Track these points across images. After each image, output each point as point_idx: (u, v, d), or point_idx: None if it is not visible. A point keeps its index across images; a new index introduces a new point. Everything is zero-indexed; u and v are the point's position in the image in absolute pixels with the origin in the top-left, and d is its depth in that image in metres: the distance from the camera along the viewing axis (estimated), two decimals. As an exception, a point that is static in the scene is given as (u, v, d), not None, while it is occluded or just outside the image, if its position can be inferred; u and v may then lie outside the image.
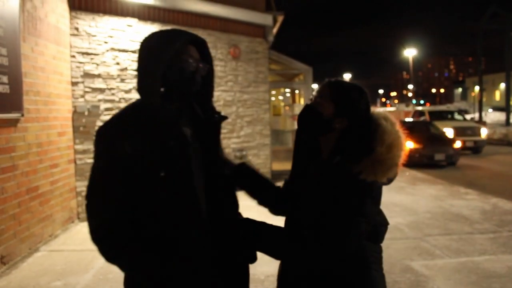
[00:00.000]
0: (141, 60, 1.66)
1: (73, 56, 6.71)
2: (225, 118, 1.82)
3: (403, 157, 1.65)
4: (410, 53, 44.13)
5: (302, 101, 12.61)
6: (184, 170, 1.58)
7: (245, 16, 9.34)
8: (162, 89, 1.60)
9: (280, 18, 10.49)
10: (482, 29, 34.16)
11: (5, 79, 4.53)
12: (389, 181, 1.66)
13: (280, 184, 2.01)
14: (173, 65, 1.63)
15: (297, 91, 13.70)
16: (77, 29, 6.72)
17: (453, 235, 5.93)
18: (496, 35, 41.16)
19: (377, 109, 1.80)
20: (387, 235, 1.81)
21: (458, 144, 13.72)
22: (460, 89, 76.63)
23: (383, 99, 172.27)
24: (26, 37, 5.15)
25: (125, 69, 7.21)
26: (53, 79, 5.96)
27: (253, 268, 1.80)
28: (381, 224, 1.74)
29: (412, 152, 12.46)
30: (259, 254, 1.78)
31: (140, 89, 1.66)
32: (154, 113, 1.58)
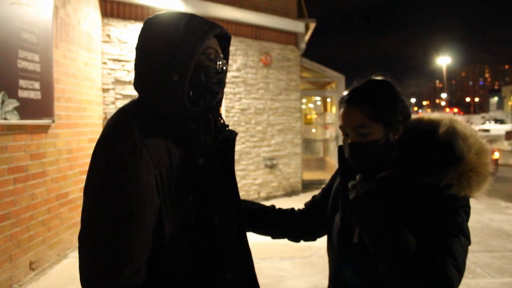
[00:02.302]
0: (158, 50, 1.28)
1: (105, 63, 6.72)
2: (236, 133, 1.47)
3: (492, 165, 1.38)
4: (443, 61, 43.12)
5: (333, 110, 12.40)
6: (213, 195, 1.30)
7: (277, 23, 9.24)
8: (191, 93, 1.31)
9: (312, 25, 10.34)
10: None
11: (37, 85, 4.53)
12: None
13: (307, 195, 1.81)
14: (201, 62, 1.31)
15: (328, 100, 13.51)
16: (108, 36, 6.74)
17: (495, 252, 5.61)
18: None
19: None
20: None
21: (496, 155, 13.19)
22: (496, 98, 74.57)
23: (415, 108, 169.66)
24: (58, 44, 5.17)
25: (156, 76, 7.14)
26: (84, 86, 5.96)
27: (284, 282, 1.65)
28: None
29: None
30: (287, 268, 1.62)
31: (157, 90, 1.28)
32: (180, 123, 1.28)
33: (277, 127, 9.44)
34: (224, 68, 1.39)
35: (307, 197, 9.55)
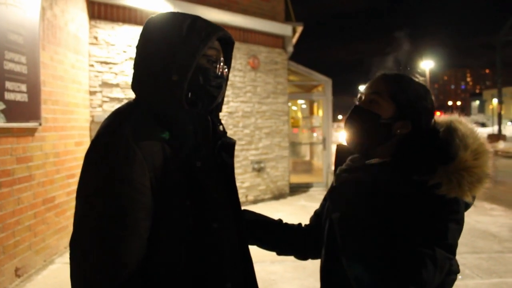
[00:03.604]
0: (159, 50, 1.25)
1: (92, 65, 6.63)
2: (235, 140, 1.44)
3: (492, 168, 1.29)
4: (427, 65, 43.75)
5: (320, 113, 12.43)
6: (212, 199, 1.25)
7: (265, 27, 9.23)
8: (189, 95, 1.27)
9: (299, 29, 10.38)
10: (502, 41, 33.69)
11: (23, 87, 4.44)
12: (473, 199, 1.30)
13: (296, 201, 1.77)
14: (201, 64, 1.28)
15: (315, 103, 13.55)
16: (96, 38, 6.66)
17: (482, 253, 5.66)
18: (515, 47, 40.56)
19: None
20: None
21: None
22: (477, 102, 75.80)
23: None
24: (45, 46, 5.08)
25: (144, 78, 7.07)
26: (71, 88, 5.88)
27: (275, 286, 1.62)
28: (450, 272, 1.29)
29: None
30: (279, 272, 1.59)
31: (155, 90, 1.25)
32: (178, 125, 1.24)
33: (265, 130, 9.43)
34: (225, 72, 1.36)
35: (294, 200, 9.58)
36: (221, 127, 1.41)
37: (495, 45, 34.02)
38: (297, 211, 8.29)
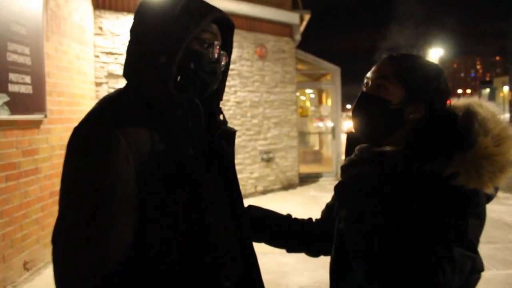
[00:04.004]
0: (150, 31, 1.17)
1: (97, 56, 6.56)
2: (235, 130, 1.35)
3: None
4: (436, 53, 43.24)
5: (329, 102, 12.30)
6: (206, 190, 1.16)
7: (272, 15, 9.10)
8: (178, 78, 1.19)
9: (307, 17, 10.23)
10: (513, 27, 33.19)
11: (28, 79, 4.37)
12: (496, 190, 1.17)
13: (306, 190, 1.65)
14: (193, 47, 1.19)
15: (324, 92, 13.41)
16: (101, 28, 6.58)
17: (497, 243, 5.54)
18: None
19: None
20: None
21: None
22: (487, 90, 75.02)
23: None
24: (49, 36, 5.01)
25: (150, 69, 7.00)
26: (77, 80, 5.81)
27: (286, 278, 1.52)
28: (473, 271, 1.15)
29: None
30: (290, 263, 1.50)
31: (143, 73, 1.18)
32: (167, 110, 1.15)
33: (273, 120, 9.33)
34: (221, 58, 1.26)
35: (304, 190, 9.50)
36: (221, 116, 1.32)
37: (507, 31, 33.49)
38: (307, 202, 8.21)
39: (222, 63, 1.28)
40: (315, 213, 1.68)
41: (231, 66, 8.31)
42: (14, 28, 4.16)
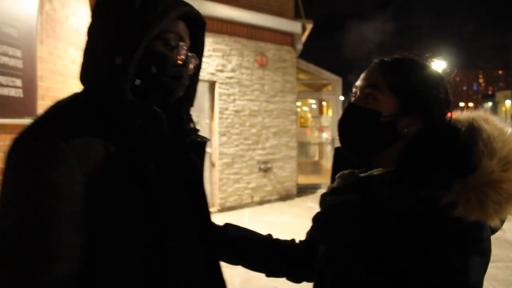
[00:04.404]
0: (106, 28, 1.03)
1: (94, 61, 6.46)
2: (207, 139, 1.20)
3: None
4: (439, 65, 43.13)
5: (330, 113, 12.19)
6: (169, 210, 1.02)
7: (273, 23, 9.01)
8: (138, 82, 1.04)
9: (309, 26, 10.14)
10: (516, 42, 33.11)
11: (18, 82, 4.26)
12: (502, 222, 1.00)
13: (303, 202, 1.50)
14: (155, 48, 1.05)
15: (324, 103, 13.31)
16: (99, 33, 6.48)
17: (498, 262, 5.39)
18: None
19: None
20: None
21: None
22: (490, 103, 74.94)
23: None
24: (44, 40, 4.90)
25: (148, 75, 6.90)
26: (72, 84, 5.70)
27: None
28: None
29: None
30: (283, 279, 1.37)
31: (97, 75, 1.04)
32: (124, 119, 1.01)
33: (272, 130, 9.21)
34: (188, 61, 1.11)
35: (301, 201, 9.35)
36: (191, 124, 1.18)
37: (510, 45, 33.52)
38: (304, 213, 8.06)
39: (191, 67, 1.13)
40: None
41: (231, 74, 8.27)
42: (5, 29, 4.06)
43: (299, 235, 1.48)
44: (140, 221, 0.98)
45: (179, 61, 1.08)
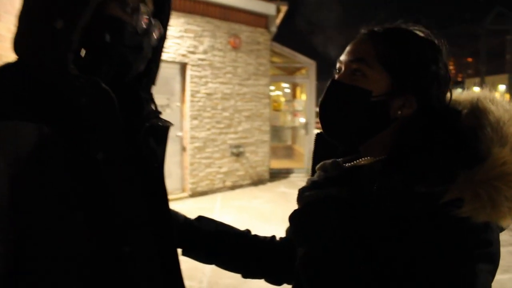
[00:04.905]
0: None
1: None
2: (170, 124, 1.04)
3: None
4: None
5: (303, 97, 12.11)
6: (121, 210, 0.87)
7: (247, 4, 8.80)
8: (83, 53, 0.87)
9: (284, 9, 9.96)
10: (486, 30, 33.73)
11: (-27, 60, 3.99)
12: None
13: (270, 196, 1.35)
14: (109, 12, 0.87)
15: (299, 87, 13.22)
16: (63, 9, 6.17)
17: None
18: (496, 36, 40.97)
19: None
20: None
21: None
22: (459, 90, 76.51)
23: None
24: (2, 16, 4.61)
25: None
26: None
27: (248, 282, 1.24)
28: None
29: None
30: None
31: (33, 44, 0.85)
32: (67, 97, 0.83)
33: (245, 113, 9.06)
34: (151, 29, 0.93)
35: (274, 186, 9.27)
36: (152, 106, 1.00)
37: (479, 34, 34.08)
38: (277, 198, 8.00)
39: (154, 36, 0.95)
40: (284, 211, 1.38)
41: (202, 56, 8.05)
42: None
43: (272, 220, 1.36)
44: (88, 223, 0.82)
45: (139, 28, 0.90)
